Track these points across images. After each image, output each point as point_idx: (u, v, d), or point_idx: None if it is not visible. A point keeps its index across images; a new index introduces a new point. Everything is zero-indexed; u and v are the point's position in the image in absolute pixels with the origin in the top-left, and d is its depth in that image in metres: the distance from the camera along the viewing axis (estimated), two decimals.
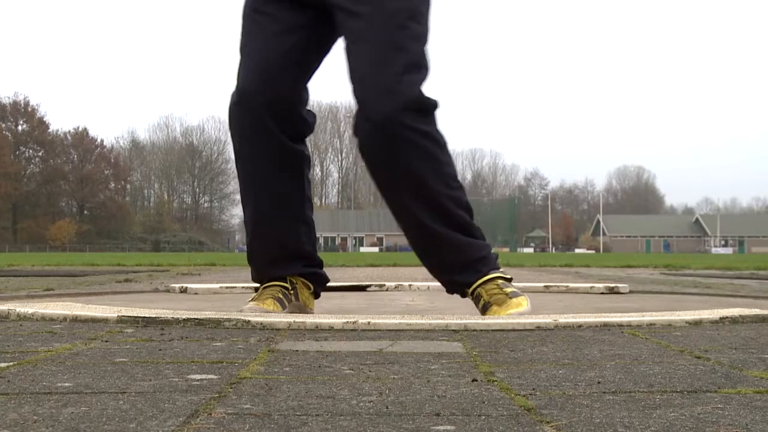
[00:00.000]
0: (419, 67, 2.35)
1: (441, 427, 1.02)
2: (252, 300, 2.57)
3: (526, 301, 2.46)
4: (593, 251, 72.77)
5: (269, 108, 2.43)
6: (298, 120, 2.51)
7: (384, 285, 4.29)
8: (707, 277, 7.50)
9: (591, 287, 4.14)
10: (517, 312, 2.37)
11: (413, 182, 2.39)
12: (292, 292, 2.57)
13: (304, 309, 2.61)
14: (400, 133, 2.30)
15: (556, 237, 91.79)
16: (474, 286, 2.48)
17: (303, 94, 2.52)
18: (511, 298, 2.45)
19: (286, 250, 2.59)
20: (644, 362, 1.60)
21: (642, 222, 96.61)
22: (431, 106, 2.35)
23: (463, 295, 2.59)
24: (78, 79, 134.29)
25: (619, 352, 1.75)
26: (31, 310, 2.48)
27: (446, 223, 2.44)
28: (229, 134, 2.61)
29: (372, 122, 2.30)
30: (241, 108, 2.46)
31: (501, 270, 2.54)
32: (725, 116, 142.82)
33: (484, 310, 2.45)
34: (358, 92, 2.34)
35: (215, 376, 1.40)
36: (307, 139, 2.62)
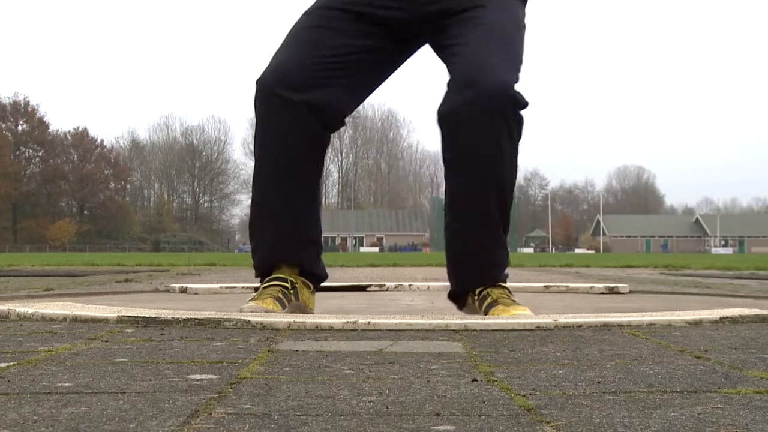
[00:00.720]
0: (519, 71, 2.45)
1: (441, 427, 1.02)
2: (252, 299, 2.56)
3: (528, 311, 2.46)
4: (593, 251, 72.75)
5: (309, 103, 2.43)
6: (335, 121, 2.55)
7: (384, 285, 4.29)
8: (707, 277, 7.49)
9: (591, 287, 4.14)
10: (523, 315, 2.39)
11: (495, 162, 2.42)
12: (291, 291, 2.56)
13: (304, 309, 2.59)
14: (503, 111, 2.34)
15: (556, 237, 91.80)
16: (485, 287, 2.51)
17: (347, 104, 2.55)
18: (517, 304, 2.49)
19: (299, 232, 2.58)
20: (644, 362, 1.60)
21: (642, 222, 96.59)
22: (525, 104, 2.41)
23: (462, 304, 2.60)
24: (78, 79, 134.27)
25: (619, 352, 1.75)
26: (31, 310, 2.48)
27: (500, 213, 2.49)
28: (228, 134, 2.65)
29: (482, 91, 2.31)
30: (276, 95, 2.43)
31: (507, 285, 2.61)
32: (725, 116, 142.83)
33: (487, 309, 2.47)
34: (473, 64, 2.35)
35: (215, 376, 1.40)
36: None
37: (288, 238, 2.57)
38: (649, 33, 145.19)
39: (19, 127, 77.05)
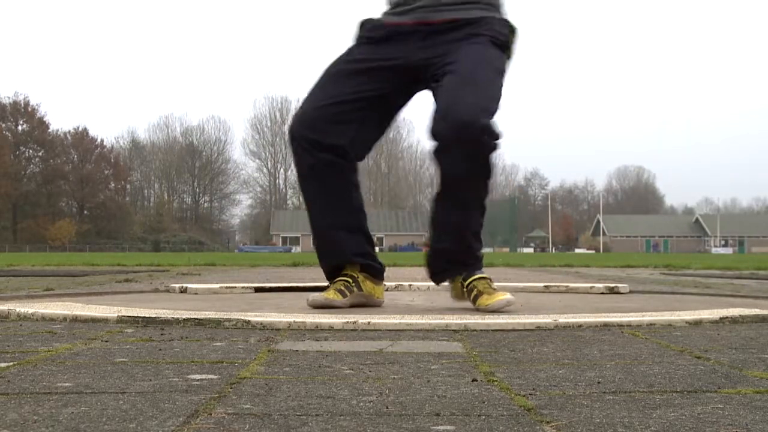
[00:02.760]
0: (497, 102, 2.81)
1: (441, 427, 1.02)
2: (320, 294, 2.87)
3: (509, 296, 2.79)
4: (593, 251, 72.70)
5: (334, 144, 2.89)
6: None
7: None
8: (707, 277, 7.49)
9: (591, 287, 4.14)
10: (504, 299, 2.74)
11: (465, 185, 2.84)
12: (353, 284, 2.93)
13: (369, 298, 2.98)
14: (473, 138, 2.67)
15: (556, 237, 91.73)
16: (471, 279, 2.89)
17: (366, 137, 2.98)
18: (497, 291, 2.83)
19: (352, 244, 3.00)
20: (644, 362, 1.60)
21: (642, 222, 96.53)
22: (497, 135, 2.74)
23: (440, 281, 3.07)
24: (78, 79, 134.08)
25: (619, 352, 1.75)
26: (31, 310, 2.48)
27: (471, 214, 2.92)
28: (228, 134, 2.75)
29: (454, 121, 2.68)
30: (304, 138, 2.92)
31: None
32: (725, 116, 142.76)
33: (475, 299, 2.83)
34: (447, 102, 2.74)
35: (215, 376, 1.40)
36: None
37: (346, 249, 3.00)
38: (649, 33, 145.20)
39: (19, 127, 76.97)
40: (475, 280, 2.90)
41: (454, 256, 2.97)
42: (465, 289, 2.93)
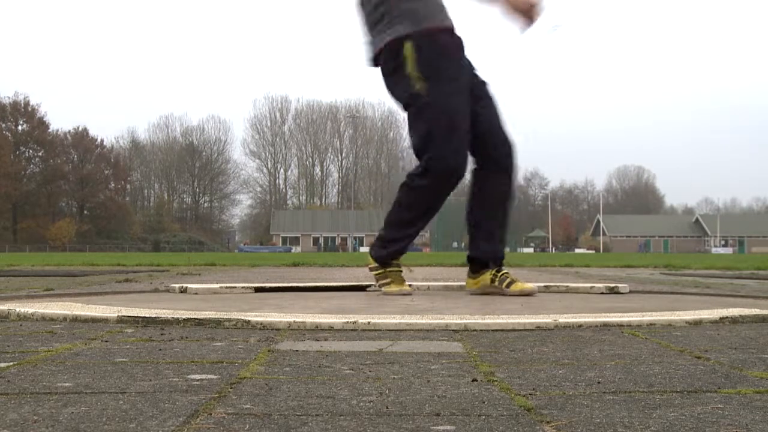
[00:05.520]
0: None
1: (441, 427, 1.02)
2: (391, 284, 3.68)
3: (534, 286, 3.65)
4: (593, 251, 72.71)
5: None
6: None
7: None
8: (707, 277, 7.48)
9: (591, 287, 4.14)
10: (535, 286, 3.65)
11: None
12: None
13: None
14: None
15: (556, 237, 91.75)
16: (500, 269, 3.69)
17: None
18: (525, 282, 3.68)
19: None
20: (644, 362, 1.60)
21: (642, 222, 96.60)
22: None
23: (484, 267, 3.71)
24: (78, 79, 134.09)
25: (619, 352, 1.75)
26: (31, 310, 2.48)
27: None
28: (228, 134, 2.71)
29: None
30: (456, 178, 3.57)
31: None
32: (725, 116, 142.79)
33: (509, 285, 3.58)
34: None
35: (215, 376, 1.40)
36: (307, 139, 3.00)
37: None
38: (648, 33, 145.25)
39: (19, 127, 77.00)
40: (505, 271, 3.65)
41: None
42: (498, 277, 3.60)
